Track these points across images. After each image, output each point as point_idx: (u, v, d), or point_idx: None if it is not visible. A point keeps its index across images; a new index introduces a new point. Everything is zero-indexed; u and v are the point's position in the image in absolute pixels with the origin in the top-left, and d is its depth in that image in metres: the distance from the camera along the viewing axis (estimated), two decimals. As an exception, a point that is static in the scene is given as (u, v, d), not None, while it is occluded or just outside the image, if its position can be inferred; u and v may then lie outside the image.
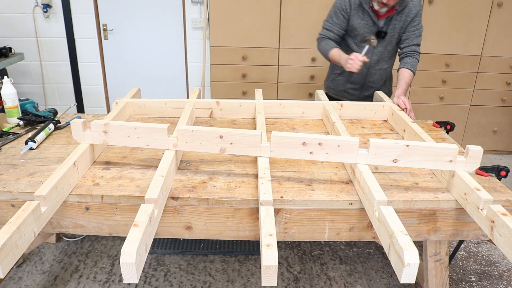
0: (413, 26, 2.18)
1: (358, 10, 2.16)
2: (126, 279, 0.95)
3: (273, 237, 1.03)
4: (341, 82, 2.40)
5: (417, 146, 1.32)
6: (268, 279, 0.98)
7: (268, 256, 0.97)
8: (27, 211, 1.08)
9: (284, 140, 1.35)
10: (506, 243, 1.08)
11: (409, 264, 0.95)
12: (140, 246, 0.98)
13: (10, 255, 0.99)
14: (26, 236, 1.06)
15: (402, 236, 1.01)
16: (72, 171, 1.32)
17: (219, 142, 1.38)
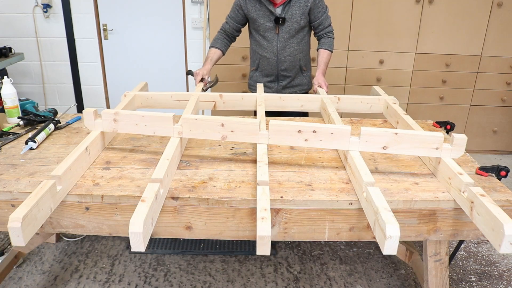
0: (319, 12, 2.33)
1: (254, 2, 2.29)
2: (134, 248, 1.05)
3: (267, 211, 1.15)
4: (258, 77, 2.49)
5: (405, 134, 1.42)
6: (262, 248, 1.11)
7: (262, 228, 1.09)
8: (44, 188, 1.18)
9: (281, 128, 1.45)
10: (483, 222, 1.16)
11: (390, 237, 1.05)
12: (146, 218, 1.08)
13: (30, 226, 1.10)
14: (44, 211, 1.17)
15: (386, 212, 1.11)
16: (84, 155, 1.44)
17: (221, 130, 1.47)
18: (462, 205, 1.29)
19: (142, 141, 1.72)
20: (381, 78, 3.46)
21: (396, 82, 3.48)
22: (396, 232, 1.05)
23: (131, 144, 1.69)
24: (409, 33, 3.33)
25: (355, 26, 3.30)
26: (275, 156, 1.61)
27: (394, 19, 3.29)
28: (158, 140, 1.73)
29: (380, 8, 3.26)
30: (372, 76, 3.45)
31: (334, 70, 3.39)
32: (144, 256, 2.29)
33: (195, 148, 1.66)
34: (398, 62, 3.42)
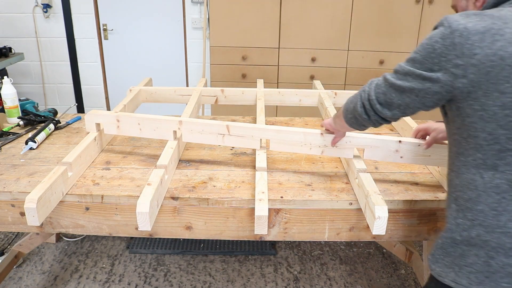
0: None
1: None
2: (141, 227, 1.12)
3: (265, 194, 1.24)
4: None
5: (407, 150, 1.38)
6: (259, 227, 1.20)
7: (260, 208, 1.18)
8: (57, 173, 1.26)
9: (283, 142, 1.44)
10: None
11: (379, 217, 1.13)
12: (152, 200, 1.15)
13: (44, 207, 1.17)
14: (56, 195, 1.25)
15: (375, 196, 1.19)
16: (93, 144, 1.52)
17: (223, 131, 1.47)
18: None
19: (142, 141, 1.72)
20: (381, 78, 3.45)
21: (396, 82, 3.48)
22: (385, 213, 1.13)
23: (131, 144, 1.69)
24: (409, 33, 3.33)
25: (355, 26, 3.30)
26: (275, 156, 1.61)
27: (394, 19, 3.29)
28: (158, 140, 1.73)
29: (380, 8, 3.26)
30: (372, 76, 3.45)
31: (334, 70, 3.40)
32: (144, 256, 2.29)
33: (195, 148, 1.66)
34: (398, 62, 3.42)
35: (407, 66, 0.95)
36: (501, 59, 0.81)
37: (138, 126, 1.50)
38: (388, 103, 0.98)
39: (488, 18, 0.85)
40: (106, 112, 1.55)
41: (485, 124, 0.85)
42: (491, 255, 0.87)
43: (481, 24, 0.84)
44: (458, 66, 0.85)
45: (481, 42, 0.83)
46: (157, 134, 1.50)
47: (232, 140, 1.44)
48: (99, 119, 1.56)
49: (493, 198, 0.87)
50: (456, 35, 0.86)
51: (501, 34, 0.83)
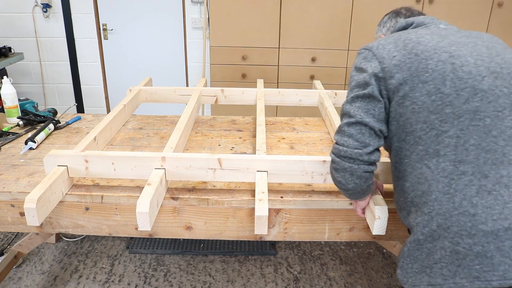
0: None
1: None
2: (141, 227, 1.12)
3: (265, 194, 1.21)
4: None
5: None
6: (260, 227, 1.19)
7: (260, 208, 1.17)
8: (56, 173, 1.25)
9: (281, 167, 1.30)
10: None
11: (379, 217, 1.14)
12: (152, 199, 1.14)
13: (44, 207, 1.17)
14: (56, 195, 1.24)
15: (375, 196, 1.20)
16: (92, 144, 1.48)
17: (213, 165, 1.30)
18: None
19: (142, 141, 1.72)
20: (381, 78, 3.45)
21: (396, 82, 3.48)
22: (385, 213, 1.14)
23: (131, 144, 1.69)
24: (409, 33, 3.33)
25: (355, 26, 3.30)
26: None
27: (394, 19, 3.29)
28: (158, 140, 1.73)
29: (380, 8, 3.26)
30: (372, 76, 3.45)
31: (334, 70, 3.39)
32: (144, 256, 2.28)
33: (195, 148, 1.66)
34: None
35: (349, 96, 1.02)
36: (416, 55, 0.95)
37: (112, 166, 1.28)
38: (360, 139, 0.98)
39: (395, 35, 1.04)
40: (70, 152, 1.29)
41: (418, 115, 0.93)
42: (456, 241, 0.87)
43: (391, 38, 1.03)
44: (384, 69, 0.97)
45: (396, 47, 0.99)
46: (135, 174, 1.28)
47: (225, 174, 1.29)
48: (62, 161, 1.29)
49: (442, 182, 0.90)
50: (373, 49, 1.02)
51: (409, 39, 0.99)
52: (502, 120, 0.90)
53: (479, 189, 0.87)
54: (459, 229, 0.87)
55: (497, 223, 0.84)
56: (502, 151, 0.88)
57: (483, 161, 0.88)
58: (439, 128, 0.91)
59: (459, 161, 0.89)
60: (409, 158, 0.96)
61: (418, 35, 1.00)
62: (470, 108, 0.90)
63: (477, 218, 0.85)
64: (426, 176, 0.93)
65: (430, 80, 0.92)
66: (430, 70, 0.93)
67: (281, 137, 1.78)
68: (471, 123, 0.89)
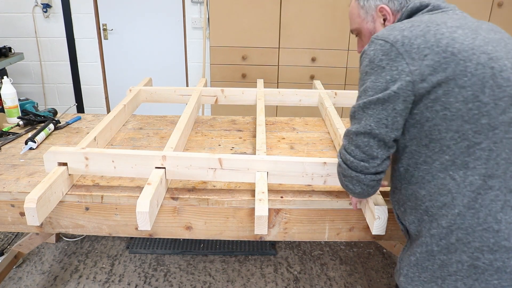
0: None
1: None
2: (141, 227, 1.11)
3: (265, 194, 1.21)
4: None
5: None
6: (260, 227, 1.19)
7: (260, 208, 1.17)
8: (56, 173, 1.25)
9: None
10: None
11: (379, 217, 1.14)
12: (152, 199, 1.14)
13: (44, 207, 1.17)
14: (56, 195, 1.25)
15: (375, 196, 1.19)
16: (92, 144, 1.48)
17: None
18: None
19: (142, 141, 1.72)
20: (381, 78, 3.45)
21: (396, 82, 3.48)
22: (384, 213, 1.14)
23: (131, 144, 1.69)
24: (409, 33, 3.33)
25: (355, 26, 3.30)
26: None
27: (394, 19, 3.29)
28: (158, 140, 1.73)
29: (380, 8, 3.26)
30: (372, 76, 3.45)
31: (334, 70, 3.39)
32: (144, 256, 2.29)
33: (195, 148, 1.66)
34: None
35: (361, 101, 0.90)
36: (452, 54, 0.82)
37: (112, 164, 1.28)
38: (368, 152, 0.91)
39: (419, 23, 0.87)
40: (71, 149, 1.29)
41: (450, 123, 0.83)
42: (476, 256, 0.84)
43: (417, 29, 0.86)
44: (413, 72, 0.83)
45: (427, 43, 0.84)
46: (135, 172, 1.28)
47: (225, 174, 1.28)
48: (62, 158, 1.29)
49: (468, 197, 0.84)
50: (398, 45, 0.85)
51: (441, 34, 0.84)
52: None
53: (504, 205, 0.83)
54: (481, 245, 0.83)
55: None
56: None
57: (510, 175, 0.83)
58: (471, 140, 0.83)
59: (489, 175, 0.83)
60: (430, 165, 0.87)
61: (450, 29, 0.85)
62: (506, 120, 0.82)
63: (500, 234, 0.82)
64: (450, 188, 0.85)
65: (468, 86, 0.81)
66: (469, 74, 0.81)
67: (281, 137, 1.78)
68: (505, 136, 0.83)
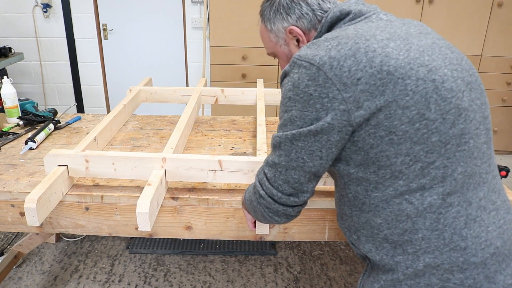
0: None
1: None
2: (141, 227, 1.11)
3: None
4: None
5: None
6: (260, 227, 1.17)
7: None
8: (57, 173, 1.25)
9: None
10: None
11: None
12: (152, 200, 1.14)
13: (44, 207, 1.17)
14: (56, 195, 1.24)
15: None
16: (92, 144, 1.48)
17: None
18: None
19: (142, 141, 1.72)
20: (381, 78, 3.46)
21: (396, 82, 3.48)
22: None
23: (131, 144, 1.69)
24: (409, 33, 3.33)
25: (355, 26, 3.30)
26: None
27: (394, 19, 3.29)
28: (158, 140, 1.73)
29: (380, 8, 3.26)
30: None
31: (334, 70, 3.39)
32: (144, 256, 2.29)
33: (195, 148, 1.66)
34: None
35: (287, 132, 0.80)
36: (389, 74, 0.73)
37: (113, 167, 1.28)
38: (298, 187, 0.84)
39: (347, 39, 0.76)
40: (71, 152, 1.29)
41: (399, 147, 0.75)
42: (446, 277, 0.79)
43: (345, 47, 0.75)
44: (347, 99, 0.73)
45: (358, 64, 0.73)
46: (135, 174, 1.28)
47: (225, 176, 1.26)
48: (63, 160, 1.29)
49: (430, 219, 0.78)
50: (326, 69, 0.74)
51: (372, 51, 0.74)
52: (479, 138, 0.81)
53: (467, 219, 0.79)
54: (450, 266, 0.79)
55: (485, 251, 0.79)
56: (479, 171, 0.81)
57: (467, 187, 0.79)
58: (424, 160, 0.76)
59: (448, 193, 0.78)
60: (383, 192, 0.80)
61: (382, 43, 0.75)
62: (456, 132, 0.77)
63: (468, 251, 0.78)
64: (408, 213, 0.79)
65: (412, 105, 0.73)
66: (411, 93, 0.73)
67: (281, 137, 1.78)
68: (457, 149, 0.77)
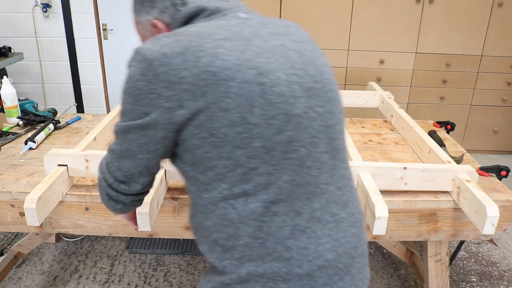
0: None
1: None
2: (141, 227, 1.13)
3: None
4: None
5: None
6: None
7: None
8: (56, 173, 1.26)
9: None
10: (468, 205, 1.24)
11: (379, 217, 1.13)
12: (152, 200, 1.16)
13: (44, 207, 1.18)
14: (56, 195, 1.25)
15: (375, 196, 1.19)
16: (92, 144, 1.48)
17: None
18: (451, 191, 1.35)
19: (142, 141, 1.72)
20: (381, 78, 3.45)
21: (396, 82, 3.48)
22: (385, 213, 1.13)
23: (131, 144, 1.69)
24: (409, 33, 3.33)
25: (355, 26, 3.30)
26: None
27: (394, 19, 3.29)
28: (158, 140, 1.73)
29: (380, 8, 3.26)
30: (372, 76, 3.45)
31: (334, 70, 3.39)
32: (144, 257, 2.28)
33: (195, 148, 1.66)
34: (398, 62, 3.42)
35: (122, 123, 0.79)
36: (213, 75, 0.71)
37: None
38: (129, 176, 0.83)
39: (183, 37, 0.75)
40: (71, 151, 1.31)
41: (220, 150, 0.73)
42: (270, 286, 0.77)
43: (177, 45, 0.74)
44: (170, 97, 0.72)
45: (185, 63, 0.72)
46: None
47: None
48: (63, 160, 1.31)
49: (252, 226, 0.76)
50: (156, 65, 0.73)
51: (202, 50, 0.73)
52: (316, 147, 0.78)
53: (294, 229, 0.76)
54: (273, 275, 0.76)
55: (312, 263, 0.77)
56: (315, 181, 0.78)
57: (296, 197, 0.76)
58: (246, 165, 0.73)
59: (272, 201, 0.75)
60: (211, 194, 0.78)
61: (215, 43, 0.74)
62: (283, 139, 0.74)
63: (292, 262, 0.76)
64: (231, 218, 0.76)
65: (233, 108, 0.71)
66: (233, 95, 0.71)
67: (281, 137, 1.77)
68: (284, 157, 0.74)
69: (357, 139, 1.80)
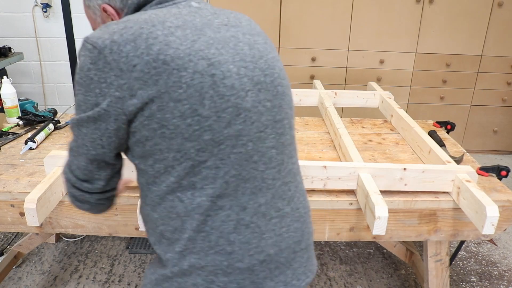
0: None
1: None
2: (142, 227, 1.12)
3: None
4: None
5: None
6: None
7: None
8: (56, 173, 1.27)
9: None
10: (468, 205, 1.25)
11: (379, 217, 1.13)
12: None
13: (44, 207, 1.19)
14: (56, 195, 1.26)
15: (375, 195, 1.19)
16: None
17: None
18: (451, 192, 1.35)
19: (142, 141, 1.72)
20: (381, 78, 3.45)
21: (396, 82, 3.48)
22: (385, 213, 1.13)
23: (131, 144, 1.69)
24: (409, 33, 3.33)
25: (355, 26, 3.30)
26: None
27: (394, 19, 3.29)
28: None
29: (380, 8, 3.26)
30: (372, 76, 3.45)
31: (334, 70, 3.39)
32: (144, 256, 2.28)
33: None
34: (398, 62, 3.42)
35: (75, 116, 0.77)
36: (164, 63, 0.70)
37: None
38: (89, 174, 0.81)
39: (133, 24, 0.73)
40: None
41: (170, 142, 0.72)
42: (210, 279, 0.78)
43: (128, 32, 0.72)
44: (122, 86, 0.71)
45: (136, 51, 0.70)
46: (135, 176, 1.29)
47: None
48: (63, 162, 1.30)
49: (197, 220, 0.76)
50: (106, 53, 0.71)
51: (154, 37, 0.71)
52: (263, 142, 0.78)
53: (237, 224, 0.77)
54: (214, 268, 0.77)
55: (253, 258, 0.78)
56: (262, 176, 0.78)
57: (242, 192, 0.76)
58: (195, 159, 0.73)
59: (218, 195, 0.75)
60: (159, 187, 0.77)
61: (167, 31, 0.72)
62: (232, 133, 0.74)
63: (233, 256, 0.77)
64: (178, 211, 0.76)
65: (184, 99, 0.70)
66: (185, 86, 0.70)
67: (281, 137, 1.78)
68: (232, 151, 0.74)
69: (357, 139, 1.80)
